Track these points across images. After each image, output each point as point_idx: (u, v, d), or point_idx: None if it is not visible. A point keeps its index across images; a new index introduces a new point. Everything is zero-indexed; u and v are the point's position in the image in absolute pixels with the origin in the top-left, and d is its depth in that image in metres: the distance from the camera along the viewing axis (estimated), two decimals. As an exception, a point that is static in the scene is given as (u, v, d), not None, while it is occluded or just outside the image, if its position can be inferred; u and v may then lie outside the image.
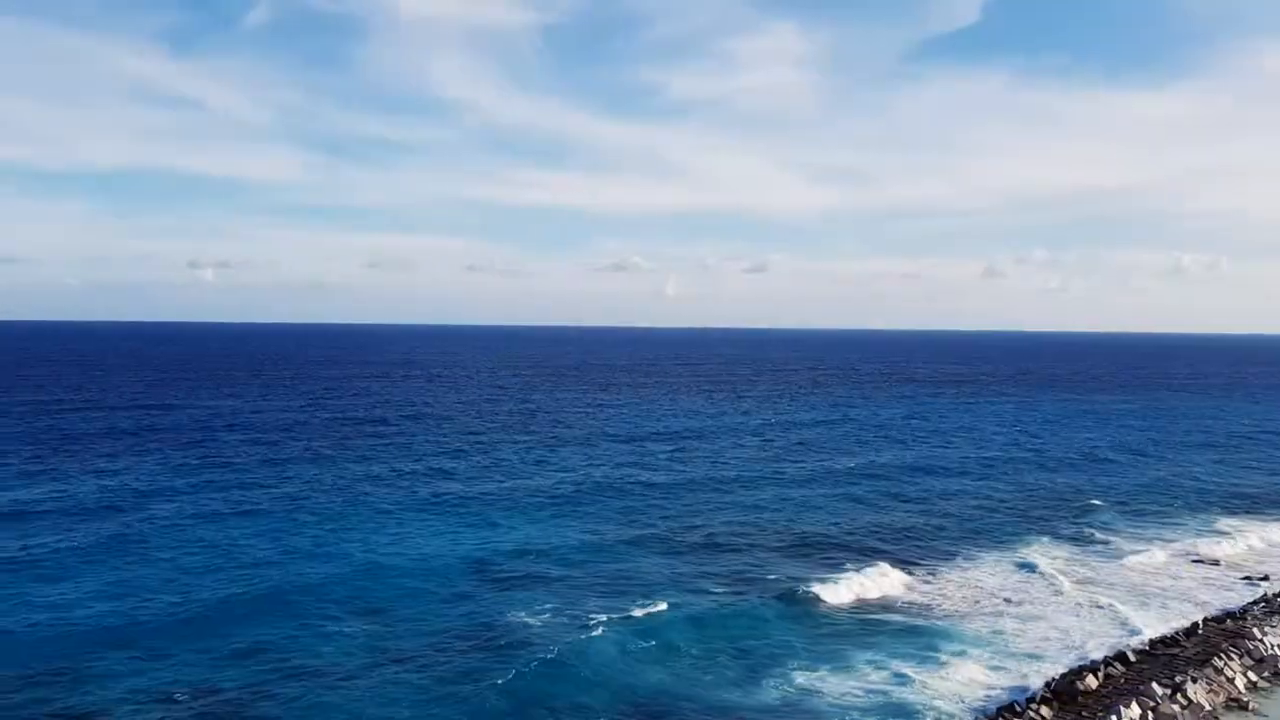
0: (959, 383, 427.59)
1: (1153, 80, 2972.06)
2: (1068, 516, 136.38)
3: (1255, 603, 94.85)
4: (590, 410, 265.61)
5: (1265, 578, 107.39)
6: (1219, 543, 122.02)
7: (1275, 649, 79.18)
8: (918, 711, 67.97)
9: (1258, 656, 77.51)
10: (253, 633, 78.80)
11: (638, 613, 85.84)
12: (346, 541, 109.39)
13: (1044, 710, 66.53)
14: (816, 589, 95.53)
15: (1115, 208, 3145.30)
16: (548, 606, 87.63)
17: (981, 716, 66.44)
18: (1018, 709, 66.80)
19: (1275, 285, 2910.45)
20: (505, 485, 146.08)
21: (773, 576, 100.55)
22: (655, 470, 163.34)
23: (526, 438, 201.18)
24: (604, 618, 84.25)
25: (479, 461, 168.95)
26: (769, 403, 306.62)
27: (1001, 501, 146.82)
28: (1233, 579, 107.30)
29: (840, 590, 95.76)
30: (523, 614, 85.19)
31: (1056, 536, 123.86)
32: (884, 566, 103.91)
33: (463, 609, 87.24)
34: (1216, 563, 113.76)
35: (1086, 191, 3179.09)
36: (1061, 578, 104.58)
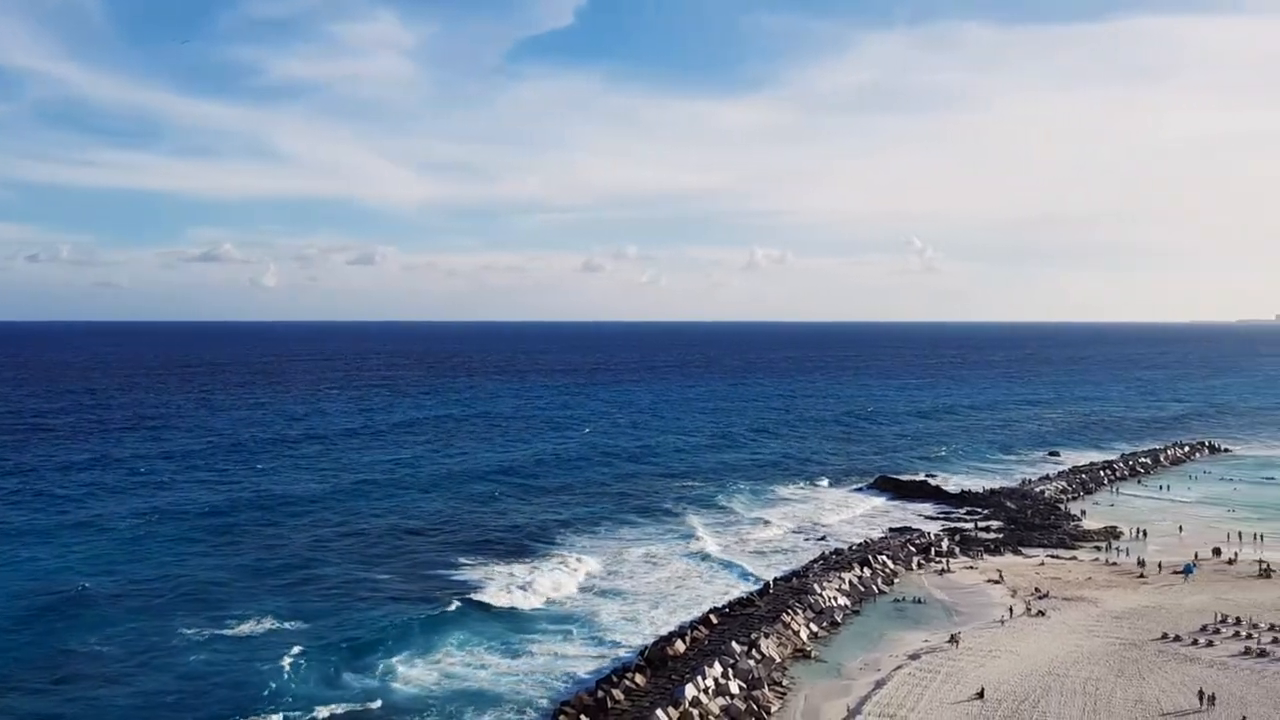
0: (572, 371, 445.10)
1: (730, 91, 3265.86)
2: (710, 492, 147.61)
3: (816, 561, 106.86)
4: (189, 413, 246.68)
5: (823, 538, 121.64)
6: (811, 508, 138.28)
7: (832, 601, 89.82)
8: (510, 692, 70.36)
9: (818, 609, 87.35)
10: None
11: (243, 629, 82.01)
12: None
13: (638, 678, 70.68)
14: (467, 588, 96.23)
15: (700, 207, 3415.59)
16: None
17: (584, 690, 69.28)
18: (614, 679, 70.47)
19: (830, 278, 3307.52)
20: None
21: (385, 578, 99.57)
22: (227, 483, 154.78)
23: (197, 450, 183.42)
24: (192, 632, 79.73)
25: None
26: (391, 398, 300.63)
27: (648, 480, 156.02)
28: (797, 540, 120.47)
29: (490, 586, 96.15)
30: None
31: (698, 510, 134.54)
32: (523, 559, 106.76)
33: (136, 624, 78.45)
34: (819, 532, 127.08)
35: (674, 192, 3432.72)
36: (707, 542, 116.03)
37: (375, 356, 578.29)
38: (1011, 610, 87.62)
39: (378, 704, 68.05)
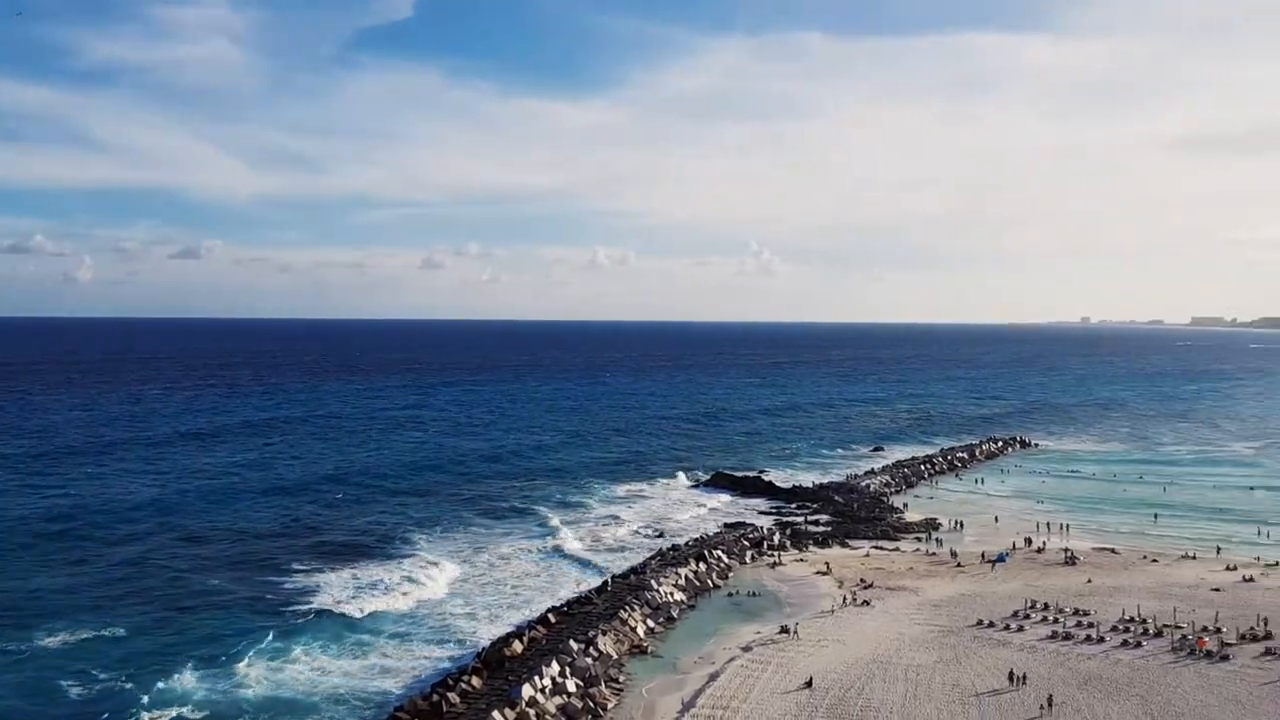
0: (408, 370, 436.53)
1: (574, 91, 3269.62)
2: (556, 491, 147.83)
3: (653, 557, 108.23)
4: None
5: (661, 534, 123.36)
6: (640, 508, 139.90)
7: (669, 596, 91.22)
8: (348, 696, 68.75)
9: (655, 605, 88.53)
10: None
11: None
12: None
13: (474, 680, 70.02)
14: (290, 588, 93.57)
15: (542, 206, 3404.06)
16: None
17: (418, 695, 68.14)
18: (450, 682, 69.62)
19: (672, 278, 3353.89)
20: None
21: (221, 584, 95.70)
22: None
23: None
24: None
25: None
26: (224, 398, 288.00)
27: (500, 486, 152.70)
28: (639, 537, 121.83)
29: (332, 590, 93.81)
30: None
31: (545, 509, 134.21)
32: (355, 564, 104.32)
33: None
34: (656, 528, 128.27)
35: (517, 190, 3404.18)
36: (555, 540, 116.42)
37: (205, 355, 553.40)
38: (843, 600, 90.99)
39: (206, 714, 65.71)
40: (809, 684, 68.88)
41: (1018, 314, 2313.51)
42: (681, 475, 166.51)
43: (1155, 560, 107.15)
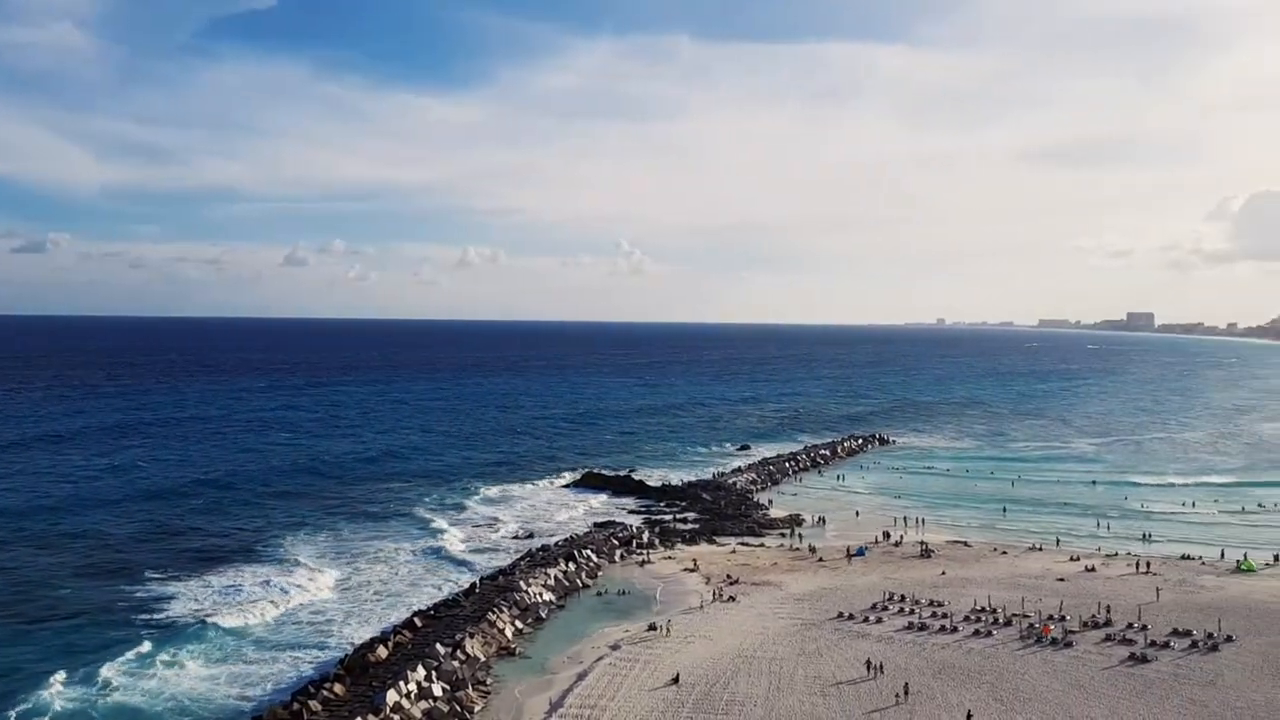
0: (273, 370, 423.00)
1: (444, 87, 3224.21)
2: (426, 493, 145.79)
3: (523, 558, 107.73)
4: None
5: (531, 535, 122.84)
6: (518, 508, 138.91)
7: (538, 597, 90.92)
8: (208, 705, 66.48)
9: (524, 606, 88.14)
10: None
11: None
12: None
13: (337, 687, 68.41)
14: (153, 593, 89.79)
15: (411, 203, 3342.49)
16: None
17: (278, 704, 66.17)
18: (312, 689, 67.86)
19: (544, 277, 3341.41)
20: None
21: (74, 593, 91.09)
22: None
23: None
24: None
25: None
26: (76, 401, 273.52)
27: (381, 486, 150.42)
28: (509, 539, 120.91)
29: (194, 597, 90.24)
30: None
31: (418, 513, 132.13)
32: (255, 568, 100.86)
33: None
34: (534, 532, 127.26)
35: (384, 186, 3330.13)
36: (428, 543, 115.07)
37: (52, 355, 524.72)
38: (711, 596, 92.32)
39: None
40: (676, 680, 69.64)
41: (877, 315, 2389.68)
42: (555, 476, 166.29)
43: (1005, 552, 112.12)
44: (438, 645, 75.01)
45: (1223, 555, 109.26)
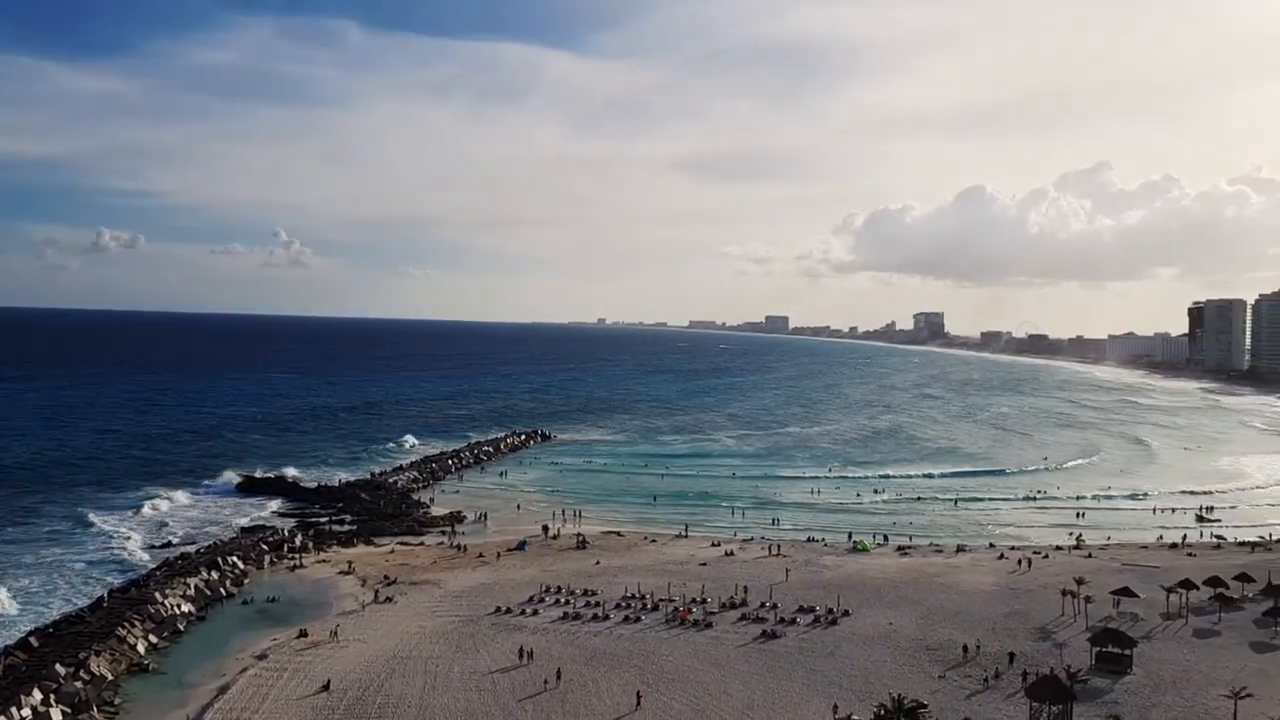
0: None
1: (74, 53, 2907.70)
2: (79, 506, 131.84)
3: (159, 567, 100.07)
4: None
5: (168, 544, 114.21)
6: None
7: (175, 609, 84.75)
8: None
9: (159, 619, 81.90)
10: None
11: None
12: None
13: (-71, 722, 60.60)
14: None
15: (34, 179, 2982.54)
16: None
17: None
18: (-104, 729, 59.65)
19: (190, 265, 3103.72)
20: None
21: None
22: None
23: None
24: None
25: None
26: None
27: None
28: (149, 549, 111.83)
29: None
30: None
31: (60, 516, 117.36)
32: None
33: None
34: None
35: (5, 159, 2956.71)
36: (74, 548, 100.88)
37: None
38: (368, 598, 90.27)
39: None
40: (327, 686, 67.60)
41: (542, 314, 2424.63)
42: (198, 480, 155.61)
43: (654, 541, 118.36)
44: (57, 665, 68.20)
45: (849, 537, 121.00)
